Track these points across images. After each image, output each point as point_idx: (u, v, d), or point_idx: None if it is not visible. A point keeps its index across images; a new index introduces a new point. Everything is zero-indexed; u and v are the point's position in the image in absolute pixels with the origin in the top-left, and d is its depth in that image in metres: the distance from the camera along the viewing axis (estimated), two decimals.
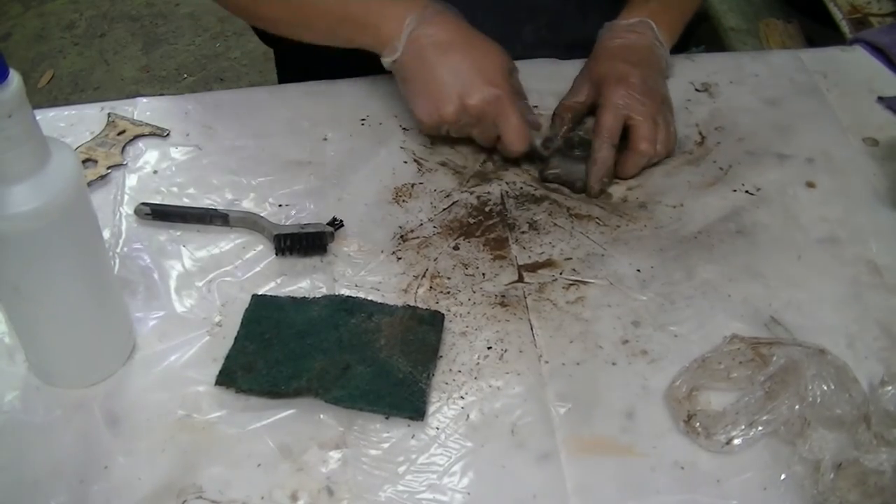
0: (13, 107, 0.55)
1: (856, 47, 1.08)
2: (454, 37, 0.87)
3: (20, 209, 0.58)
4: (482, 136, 0.89)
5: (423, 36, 0.86)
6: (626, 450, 0.69)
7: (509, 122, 0.86)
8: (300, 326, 0.74)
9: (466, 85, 0.85)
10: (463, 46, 0.86)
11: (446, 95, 0.85)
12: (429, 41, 0.86)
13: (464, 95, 0.85)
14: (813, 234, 0.85)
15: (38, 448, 0.68)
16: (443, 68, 0.85)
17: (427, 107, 0.87)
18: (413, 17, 0.86)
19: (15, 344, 0.73)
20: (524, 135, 0.87)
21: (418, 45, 0.86)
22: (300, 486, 0.66)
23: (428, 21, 0.86)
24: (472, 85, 0.85)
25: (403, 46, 0.86)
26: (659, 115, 0.89)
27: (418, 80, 0.87)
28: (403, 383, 0.71)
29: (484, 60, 0.86)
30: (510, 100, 0.86)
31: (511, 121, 0.86)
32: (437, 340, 0.74)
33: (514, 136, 0.86)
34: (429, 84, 0.86)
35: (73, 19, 2.62)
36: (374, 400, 0.70)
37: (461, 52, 0.86)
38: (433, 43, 0.86)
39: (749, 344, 0.73)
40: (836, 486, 0.64)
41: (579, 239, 0.84)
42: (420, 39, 0.86)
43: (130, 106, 0.95)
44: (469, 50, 0.86)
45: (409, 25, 0.86)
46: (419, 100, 0.87)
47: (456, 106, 0.85)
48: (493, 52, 0.88)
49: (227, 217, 0.83)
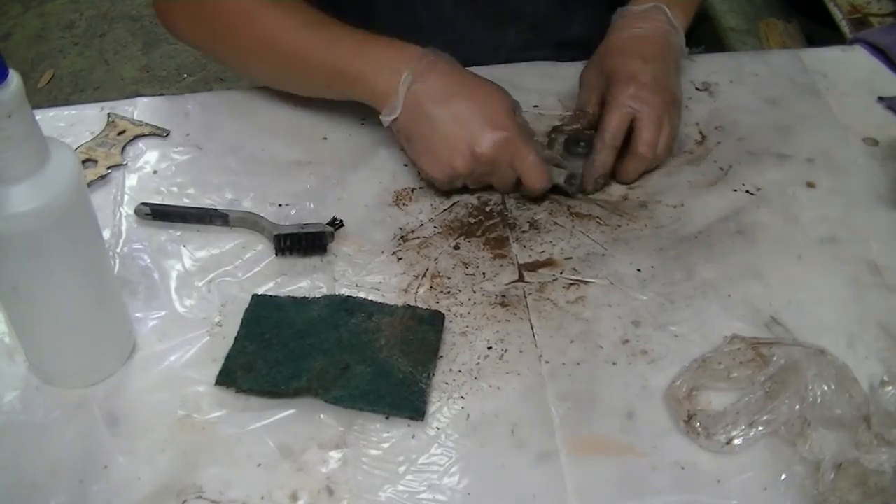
0: (13, 107, 0.55)
1: (856, 47, 1.07)
2: (452, 86, 0.83)
3: (20, 209, 0.58)
4: (501, 182, 0.85)
5: (421, 91, 0.82)
6: (626, 450, 0.68)
7: (525, 162, 0.82)
8: (300, 326, 0.74)
9: (473, 133, 0.81)
10: (463, 95, 0.83)
11: (455, 148, 0.82)
12: (427, 96, 0.82)
13: (473, 144, 0.81)
14: (813, 233, 0.85)
15: (37, 448, 0.68)
16: (446, 121, 0.82)
17: (437, 164, 0.83)
18: (408, 73, 0.82)
19: (15, 344, 0.73)
20: (543, 172, 0.83)
21: (416, 101, 0.82)
22: (300, 486, 0.66)
23: (424, 74, 0.82)
24: (479, 132, 0.81)
25: (402, 105, 0.83)
26: (665, 115, 0.87)
27: (423, 137, 0.83)
28: (403, 383, 0.70)
29: (486, 105, 0.83)
30: (521, 139, 0.82)
31: (527, 160, 0.82)
32: (438, 340, 0.74)
33: (534, 175, 0.83)
34: (434, 140, 0.82)
35: (73, 19, 2.62)
36: (374, 400, 0.70)
37: (462, 101, 0.82)
38: (432, 97, 0.82)
39: (749, 344, 0.73)
40: (836, 486, 0.64)
41: (580, 238, 0.84)
42: (418, 95, 0.82)
43: (130, 106, 0.95)
44: (469, 97, 0.83)
45: (404, 82, 0.82)
46: (427, 158, 0.84)
47: (466, 157, 0.82)
48: (493, 94, 0.84)
49: (227, 217, 0.83)
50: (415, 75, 0.82)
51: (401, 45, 0.85)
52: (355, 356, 0.72)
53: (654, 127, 0.86)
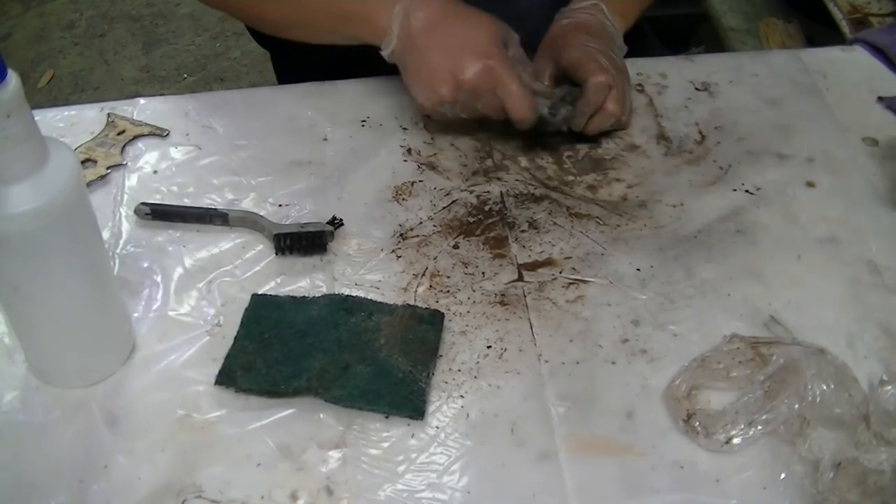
0: (12, 107, 0.55)
1: (856, 47, 1.08)
2: (442, 16, 0.86)
3: (20, 209, 0.58)
4: (487, 109, 0.88)
5: (412, 22, 0.86)
6: (626, 449, 0.69)
7: (508, 90, 0.85)
8: (300, 326, 0.74)
9: (457, 61, 0.84)
10: (451, 23, 0.86)
11: (439, 75, 0.85)
12: (418, 26, 0.86)
13: (456, 72, 0.84)
14: (813, 234, 0.85)
15: (37, 448, 0.68)
16: (433, 49, 0.85)
17: (424, 90, 0.87)
18: (400, 6, 0.86)
19: (15, 344, 0.73)
20: (527, 102, 0.86)
21: (408, 32, 0.86)
22: (300, 486, 0.66)
23: (415, 7, 0.86)
24: (463, 60, 0.84)
25: (396, 36, 0.86)
26: (618, 84, 0.90)
27: (413, 66, 0.87)
28: (403, 382, 0.71)
29: (473, 33, 0.86)
30: (505, 68, 0.84)
31: (509, 89, 0.84)
32: (437, 339, 0.74)
33: (517, 103, 0.85)
34: (422, 68, 0.86)
35: (73, 19, 2.62)
36: (374, 399, 0.70)
37: (449, 29, 0.86)
38: (422, 27, 0.86)
39: (749, 343, 0.73)
40: (835, 485, 0.64)
41: (579, 238, 0.84)
42: (409, 26, 0.86)
43: (130, 106, 0.95)
44: (457, 26, 0.86)
45: (397, 15, 0.86)
46: (416, 85, 0.87)
47: (450, 84, 0.85)
48: (483, 23, 0.87)
49: (226, 217, 0.83)
50: (407, 8, 0.86)
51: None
52: (355, 355, 0.72)
53: (620, 89, 0.89)
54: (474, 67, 0.84)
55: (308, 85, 0.99)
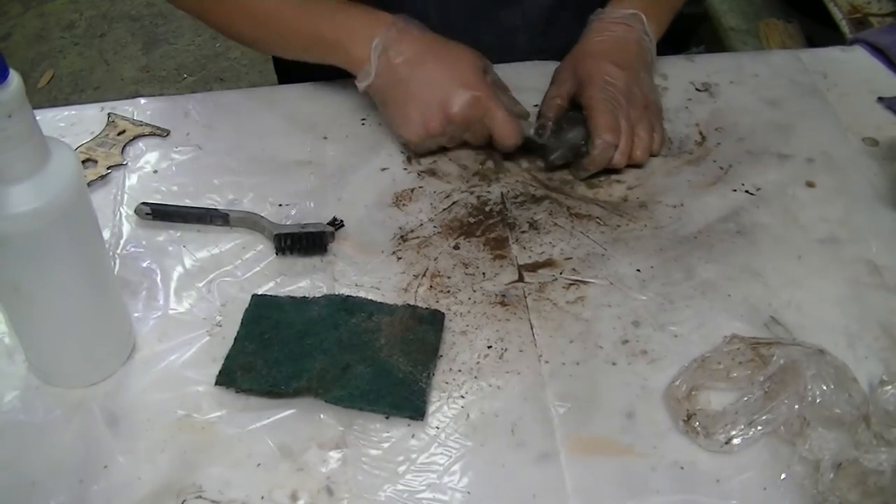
0: (13, 107, 0.55)
1: (856, 47, 1.08)
2: (422, 49, 0.86)
3: (20, 209, 0.58)
4: (474, 138, 0.89)
5: (393, 56, 0.86)
6: (626, 450, 0.69)
7: (496, 118, 0.86)
8: (300, 326, 0.74)
9: (445, 94, 0.85)
10: (433, 57, 0.86)
11: (427, 110, 0.85)
12: (399, 60, 0.86)
13: (445, 105, 0.85)
14: (813, 234, 0.85)
15: (37, 448, 0.68)
16: (418, 83, 0.85)
17: (411, 126, 0.87)
18: (379, 39, 0.86)
19: (15, 344, 0.73)
20: (514, 127, 0.87)
21: (389, 66, 0.86)
22: (300, 486, 0.66)
23: (394, 40, 0.86)
24: (451, 93, 0.85)
25: (375, 70, 0.86)
26: (641, 121, 0.89)
27: (396, 101, 0.87)
28: (403, 383, 0.71)
29: (456, 65, 0.86)
30: (491, 97, 0.86)
31: (497, 117, 0.86)
32: (437, 340, 0.74)
33: (504, 130, 0.87)
34: (408, 103, 0.86)
35: (73, 19, 2.62)
36: (375, 400, 0.70)
37: (432, 63, 0.86)
38: (403, 61, 0.86)
39: (749, 344, 0.73)
40: (835, 485, 0.64)
41: (579, 239, 0.84)
42: (390, 61, 0.86)
43: (130, 106, 0.95)
44: (439, 59, 0.86)
45: (376, 48, 0.86)
46: (401, 121, 0.87)
47: (439, 118, 0.85)
48: (463, 55, 0.88)
49: (227, 217, 0.83)
50: (386, 41, 0.86)
51: (373, 12, 0.88)
52: (355, 356, 0.72)
53: (627, 137, 0.88)
54: (463, 99, 0.85)
55: (308, 85, 0.99)
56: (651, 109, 0.91)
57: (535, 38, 1.04)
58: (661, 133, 0.92)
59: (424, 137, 0.87)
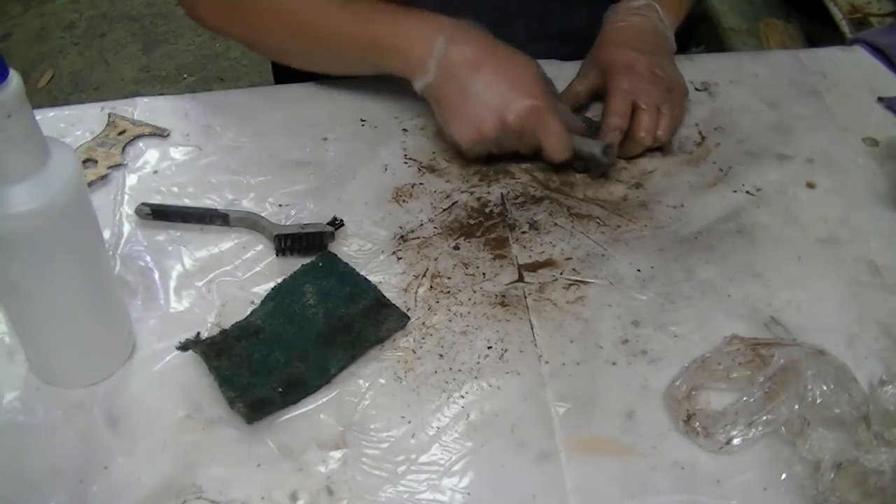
0: (13, 107, 0.55)
1: (856, 47, 1.08)
2: (484, 53, 0.85)
3: (20, 209, 0.58)
4: (524, 147, 0.88)
5: (454, 56, 0.84)
6: (626, 450, 0.69)
7: (549, 131, 0.85)
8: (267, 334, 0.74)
9: (503, 100, 0.83)
10: (494, 62, 0.85)
11: (484, 113, 0.84)
12: (460, 61, 0.84)
13: (502, 110, 0.83)
14: (813, 234, 0.85)
15: (37, 448, 0.68)
16: (477, 86, 0.84)
17: (465, 127, 0.85)
18: (442, 39, 0.84)
19: (15, 344, 0.73)
20: (566, 143, 0.86)
21: (450, 65, 0.84)
22: (300, 486, 0.66)
23: (457, 41, 0.85)
24: (509, 99, 0.83)
25: (435, 69, 0.85)
26: (665, 103, 0.90)
27: (453, 101, 0.85)
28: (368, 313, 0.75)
29: (517, 73, 0.85)
30: (549, 109, 0.85)
31: (551, 130, 0.85)
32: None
33: (556, 145, 0.85)
34: (465, 104, 0.84)
35: (73, 19, 2.62)
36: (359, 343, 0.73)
37: (493, 68, 0.84)
38: (464, 62, 0.84)
39: (749, 344, 0.73)
40: (835, 486, 0.64)
41: (579, 239, 0.84)
42: (451, 60, 0.84)
43: (130, 106, 0.95)
44: (501, 65, 0.85)
45: (438, 47, 0.84)
46: (456, 121, 0.86)
47: (495, 122, 0.84)
48: (525, 63, 0.87)
49: (227, 217, 0.83)
50: (449, 41, 0.84)
51: (434, 15, 0.87)
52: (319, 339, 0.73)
53: (653, 112, 0.89)
54: (521, 107, 0.83)
55: (308, 85, 0.99)
56: (676, 91, 0.92)
57: (532, 23, 1.04)
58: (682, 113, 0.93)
59: (476, 141, 0.86)
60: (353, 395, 0.71)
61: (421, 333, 0.76)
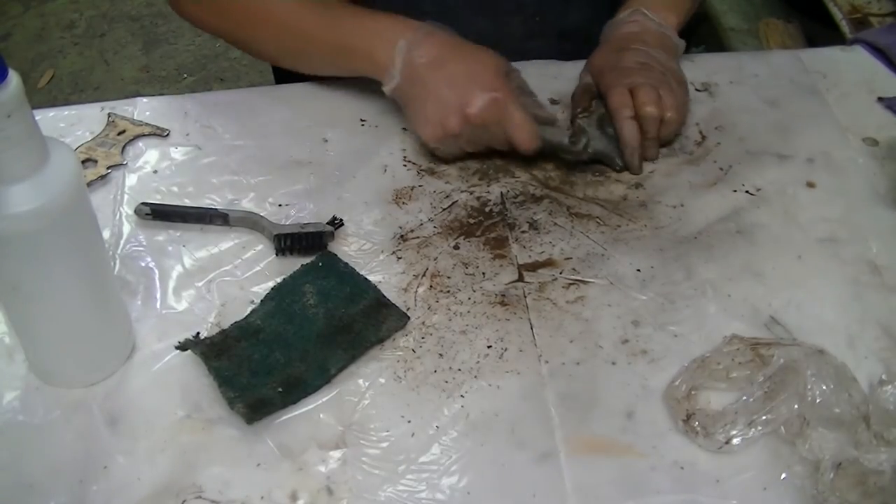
0: (13, 107, 0.55)
1: (856, 47, 1.08)
2: (445, 52, 0.86)
3: (20, 209, 0.58)
4: (494, 141, 0.88)
5: (416, 58, 0.85)
6: (626, 450, 0.69)
7: (513, 121, 0.85)
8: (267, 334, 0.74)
9: (464, 95, 0.84)
10: (455, 58, 0.86)
11: (446, 109, 0.85)
12: (422, 62, 0.85)
13: (463, 105, 0.84)
14: (813, 234, 0.85)
15: (37, 448, 0.68)
16: (438, 84, 0.85)
17: (430, 126, 0.86)
18: (403, 42, 0.86)
19: (15, 344, 0.73)
20: (531, 131, 0.86)
21: (413, 67, 0.86)
22: (300, 486, 0.66)
23: (419, 43, 0.86)
24: (470, 93, 0.84)
25: (400, 72, 0.86)
26: (662, 84, 0.90)
27: (417, 101, 0.87)
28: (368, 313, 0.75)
29: (477, 67, 0.86)
30: (510, 100, 0.85)
31: (514, 120, 0.85)
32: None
33: (521, 134, 0.86)
34: (427, 103, 0.86)
35: (73, 19, 2.62)
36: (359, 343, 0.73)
37: (454, 65, 0.86)
38: (426, 63, 0.85)
39: (748, 344, 0.73)
40: (835, 485, 0.64)
41: (579, 238, 0.84)
42: (413, 62, 0.86)
43: (130, 106, 0.95)
44: (461, 60, 0.86)
45: (400, 51, 0.86)
46: (422, 121, 0.87)
47: (458, 118, 0.85)
48: (485, 57, 0.88)
49: (227, 217, 0.83)
50: (410, 43, 0.86)
51: (399, 18, 0.88)
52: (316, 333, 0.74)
53: (651, 89, 0.89)
54: (481, 100, 0.84)
55: (308, 85, 0.99)
56: (669, 74, 0.92)
57: (529, 21, 1.04)
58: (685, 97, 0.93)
59: (442, 138, 0.87)
60: (353, 394, 0.71)
61: (421, 333, 0.76)
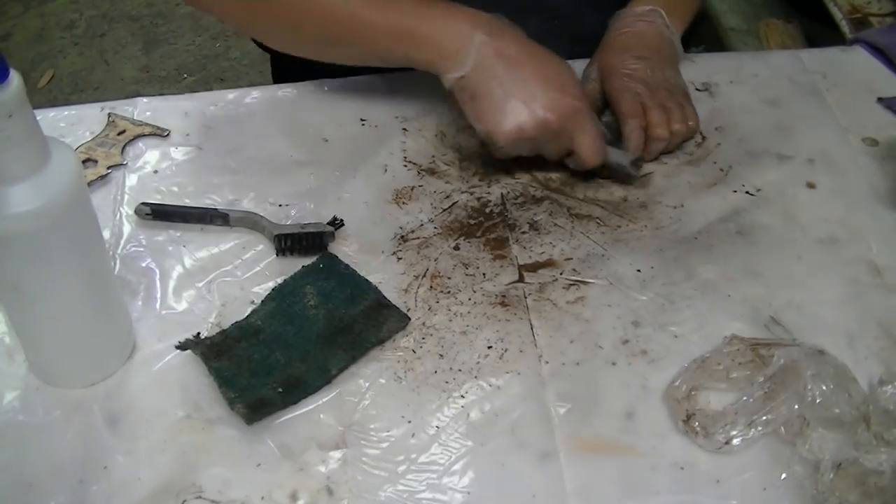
0: (13, 107, 0.55)
1: (856, 47, 1.08)
2: (522, 51, 0.83)
3: (20, 209, 0.58)
4: (554, 149, 0.86)
5: (493, 50, 0.82)
6: (626, 450, 0.69)
7: (586, 135, 0.84)
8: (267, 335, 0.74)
9: (547, 99, 0.81)
10: (534, 60, 0.83)
11: (525, 108, 0.81)
12: (500, 56, 0.82)
13: (546, 109, 0.81)
14: (813, 234, 0.85)
15: (37, 448, 0.68)
16: (517, 81, 0.82)
17: (505, 124, 0.82)
18: (480, 32, 0.82)
19: (15, 344, 0.73)
20: (600, 147, 0.85)
21: (489, 60, 0.82)
22: (300, 486, 0.66)
23: (496, 36, 0.83)
24: (553, 98, 0.82)
25: (472, 63, 0.82)
26: (669, 100, 0.90)
27: (491, 95, 0.82)
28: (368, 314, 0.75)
29: (557, 73, 0.84)
30: (588, 112, 0.84)
31: (588, 134, 0.84)
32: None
33: (591, 149, 0.84)
34: (505, 100, 0.82)
35: (73, 19, 2.62)
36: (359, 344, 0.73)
37: (534, 67, 0.83)
38: (505, 58, 0.82)
39: (748, 345, 0.73)
40: (835, 486, 0.64)
41: (580, 239, 0.84)
42: (489, 54, 0.82)
43: (130, 106, 0.95)
44: (540, 64, 0.84)
45: (476, 40, 0.82)
46: (494, 116, 0.83)
47: (537, 120, 0.81)
48: (563, 65, 0.85)
49: (227, 217, 0.83)
50: (488, 35, 0.82)
51: (468, 9, 0.85)
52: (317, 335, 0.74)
53: (659, 110, 0.89)
54: (566, 107, 0.82)
55: (308, 85, 0.99)
56: (675, 92, 0.92)
57: (547, 22, 1.03)
58: (693, 110, 0.92)
59: (515, 140, 0.83)
60: (353, 394, 0.71)
61: (421, 333, 0.76)
